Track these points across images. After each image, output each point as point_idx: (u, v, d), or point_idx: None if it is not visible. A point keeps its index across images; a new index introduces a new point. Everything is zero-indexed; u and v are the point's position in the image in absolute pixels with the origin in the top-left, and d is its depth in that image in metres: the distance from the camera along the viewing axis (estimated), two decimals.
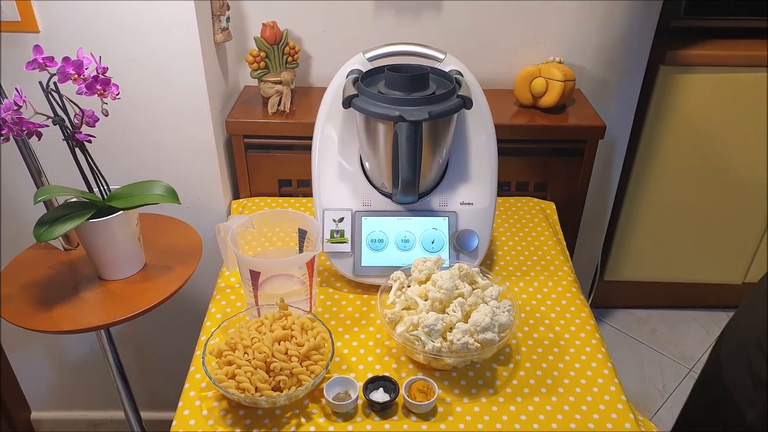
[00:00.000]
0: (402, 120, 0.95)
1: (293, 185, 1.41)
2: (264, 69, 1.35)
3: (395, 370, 0.95)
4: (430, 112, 0.96)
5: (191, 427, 0.87)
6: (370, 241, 1.09)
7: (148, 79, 1.19)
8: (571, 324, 1.05)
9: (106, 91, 0.92)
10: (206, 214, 1.37)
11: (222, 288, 1.13)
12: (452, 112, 1.00)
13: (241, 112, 1.36)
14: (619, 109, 1.55)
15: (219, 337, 0.95)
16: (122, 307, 1.01)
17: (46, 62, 0.88)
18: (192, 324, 1.23)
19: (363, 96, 1.00)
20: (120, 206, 1.00)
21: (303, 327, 0.93)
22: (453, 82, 1.05)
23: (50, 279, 1.08)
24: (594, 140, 1.37)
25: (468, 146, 1.12)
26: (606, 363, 0.97)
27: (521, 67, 1.40)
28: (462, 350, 0.89)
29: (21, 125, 0.89)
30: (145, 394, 1.68)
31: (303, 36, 1.41)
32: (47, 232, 0.95)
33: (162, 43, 1.15)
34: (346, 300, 1.09)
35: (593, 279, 1.98)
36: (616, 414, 0.89)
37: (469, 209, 1.11)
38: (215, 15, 1.24)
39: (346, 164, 1.12)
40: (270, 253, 1.14)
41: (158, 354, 1.62)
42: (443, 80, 1.07)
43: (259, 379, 0.85)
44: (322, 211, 1.09)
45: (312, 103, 1.39)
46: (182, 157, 1.30)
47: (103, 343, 1.18)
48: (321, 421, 0.87)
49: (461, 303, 0.93)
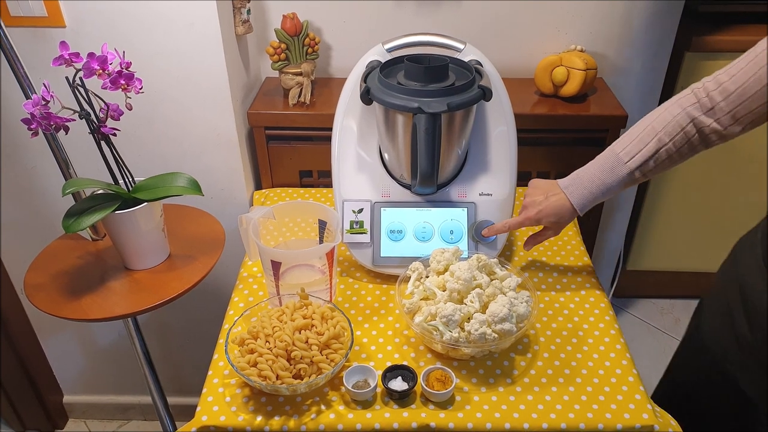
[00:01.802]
0: (421, 112, 0.95)
1: (314, 176, 1.43)
2: (285, 61, 1.36)
3: (414, 359, 0.97)
4: (449, 103, 0.96)
5: (215, 413, 0.89)
6: (389, 231, 1.10)
7: (171, 73, 1.21)
8: (589, 315, 1.05)
9: (130, 86, 0.94)
10: (229, 205, 1.39)
11: (244, 277, 1.15)
12: (471, 104, 1.00)
13: (262, 103, 1.37)
14: (641, 98, 1.52)
15: (241, 326, 0.97)
16: (148, 296, 1.04)
17: (72, 58, 0.90)
18: (215, 312, 1.26)
19: (382, 87, 1.01)
20: (145, 198, 1.03)
21: (323, 316, 0.94)
22: (472, 72, 1.04)
23: (79, 268, 1.11)
24: (616, 129, 1.35)
25: (487, 137, 1.12)
26: (624, 354, 0.97)
27: (542, 55, 1.39)
28: (479, 340, 0.90)
29: (49, 120, 0.92)
30: (171, 380, 1.72)
31: (323, 27, 1.42)
32: (75, 223, 0.97)
33: (184, 36, 1.17)
34: (366, 290, 1.11)
35: (616, 268, 1.97)
36: (633, 404, 0.89)
37: (489, 200, 1.11)
38: (236, 8, 1.25)
39: (366, 155, 1.12)
40: (291, 244, 1.16)
41: (183, 341, 1.66)
42: (463, 70, 1.06)
43: (280, 367, 0.87)
44: (341, 202, 1.11)
45: (332, 94, 1.39)
46: (205, 148, 1.32)
47: (130, 331, 1.21)
48: (341, 408, 0.89)
49: (479, 294, 0.94)
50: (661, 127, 0.90)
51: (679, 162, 0.93)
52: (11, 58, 0.98)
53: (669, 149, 0.90)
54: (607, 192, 0.96)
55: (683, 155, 0.91)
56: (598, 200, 0.97)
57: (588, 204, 0.97)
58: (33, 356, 1.67)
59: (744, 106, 0.83)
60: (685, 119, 0.88)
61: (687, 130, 0.88)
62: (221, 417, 0.88)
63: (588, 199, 0.96)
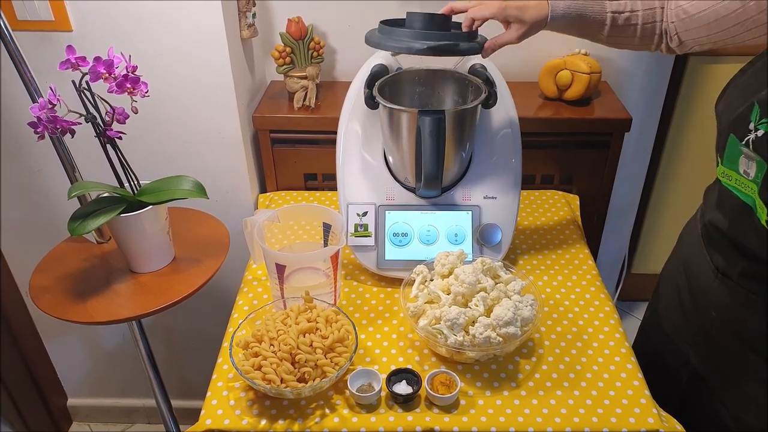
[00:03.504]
0: (425, 114, 0.95)
1: (318, 179, 1.43)
2: (289, 64, 1.36)
3: (418, 363, 0.97)
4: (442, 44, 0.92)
5: (219, 416, 0.89)
6: (393, 235, 1.10)
7: (177, 76, 1.22)
8: (594, 318, 1.04)
9: (136, 89, 0.94)
10: (234, 208, 1.39)
11: (249, 280, 1.15)
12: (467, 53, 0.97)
13: (267, 107, 1.38)
14: (645, 102, 1.52)
15: (246, 329, 0.97)
16: (153, 298, 1.04)
17: (78, 62, 0.91)
18: (220, 315, 1.26)
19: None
20: (150, 201, 1.03)
21: (327, 319, 0.94)
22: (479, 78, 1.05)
23: (84, 271, 1.11)
24: (620, 133, 1.35)
25: (492, 140, 1.12)
26: (629, 358, 0.97)
27: (546, 59, 1.39)
28: (484, 344, 0.89)
29: (55, 123, 0.92)
30: (176, 383, 1.72)
31: (328, 31, 1.42)
32: (81, 226, 0.98)
33: (190, 40, 1.18)
34: (370, 293, 1.11)
35: (621, 272, 1.96)
36: (639, 409, 0.88)
37: (493, 203, 1.11)
38: (241, 11, 1.26)
39: (370, 158, 1.13)
40: (295, 247, 1.16)
41: (188, 344, 1.66)
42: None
43: (285, 371, 0.87)
44: (346, 205, 1.11)
45: (337, 97, 1.40)
46: (210, 152, 1.32)
47: (134, 334, 1.22)
48: (345, 412, 0.89)
49: (483, 297, 0.94)
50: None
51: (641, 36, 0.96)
52: (18, 62, 0.99)
53: (638, 16, 0.94)
54: (581, 15, 0.93)
55: (646, 31, 0.95)
56: (569, 16, 0.93)
57: (559, 13, 0.93)
58: (37, 359, 1.67)
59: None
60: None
61: (657, 12, 0.93)
62: (225, 420, 0.88)
63: (562, 8, 0.93)
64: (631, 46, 0.98)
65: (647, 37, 0.95)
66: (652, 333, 1.11)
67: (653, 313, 1.12)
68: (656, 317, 1.10)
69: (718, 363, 0.95)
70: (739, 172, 0.79)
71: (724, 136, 0.82)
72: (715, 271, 0.91)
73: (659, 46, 0.96)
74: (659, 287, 1.11)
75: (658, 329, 1.09)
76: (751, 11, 0.83)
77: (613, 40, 0.97)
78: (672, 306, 1.04)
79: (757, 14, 0.82)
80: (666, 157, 1.77)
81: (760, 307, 0.85)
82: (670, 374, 1.03)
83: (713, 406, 0.97)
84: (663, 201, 1.86)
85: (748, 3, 0.83)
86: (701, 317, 0.95)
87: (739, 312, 0.88)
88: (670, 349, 1.04)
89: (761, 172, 0.74)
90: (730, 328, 0.91)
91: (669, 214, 1.88)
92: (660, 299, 1.10)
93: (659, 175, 1.80)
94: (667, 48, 0.96)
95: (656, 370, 0.98)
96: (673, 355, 1.03)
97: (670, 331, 1.05)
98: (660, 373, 0.99)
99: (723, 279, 0.89)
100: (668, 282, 1.06)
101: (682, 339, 1.01)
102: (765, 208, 0.76)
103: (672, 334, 1.04)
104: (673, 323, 1.04)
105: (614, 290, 1.98)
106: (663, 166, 1.79)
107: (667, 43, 0.95)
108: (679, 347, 1.02)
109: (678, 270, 1.02)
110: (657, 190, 1.83)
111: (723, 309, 0.91)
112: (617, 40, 0.97)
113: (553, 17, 0.92)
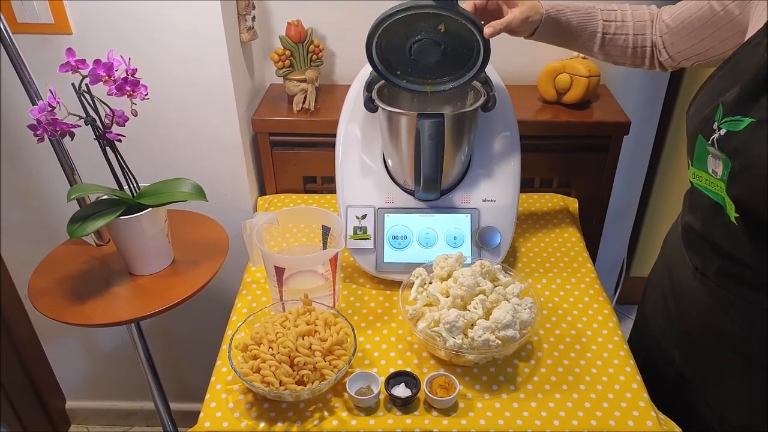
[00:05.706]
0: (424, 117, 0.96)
1: (318, 182, 1.43)
2: (289, 67, 1.36)
3: (417, 366, 0.97)
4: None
5: (218, 419, 0.89)
6: (392, 237, 1.10)
7: (176, 79, 1.22)
8: (593, 321, 1.04)
9: (135, 92, 0.94)
10: (233, 211, 1.40)
11: (248, 283, 1.15)
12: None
13: (266, 110, 1.38)
14: (644, 105, 1.53)
15: (245, 332, 0.97)
16: (152, 301, 1.04)
17: (78, 65, 0.91)
18: (219, 318, 1.26)
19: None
20: (149, 203, 1.03)
21: (326, 322, 0.94)
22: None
23: (83, 273, 1.11)
24: (619, 136, 1.36)
25: (491, 143, 1.12)
26: (628, 361, 0.97)
27: (545, 62, 1.39)
28: (483, 347, 0.90)
29: (55, 126, 0.92)
30: (174, 386, 1.72)
31: (327, 34, 1.43)
32: (80, 228, 0.98)
33: (189, 43, 1.18)
34: (369, 296, 1.11)
35: (619, 275, 1.97)
36: (637, 412, 0.89)
37: (492, 206, 1.11)
38: (241, 14, 1.26)
39: (369, 161, 1.13)
40: (294, 250, 1.16)
41: (186, 347, 1.66)
42: None
43: (284, 373, 0.87)
44: (345, 207, 1.11)
45: (336, 100, 1.40)
46: (209, 154, 1.32)
47: (133, 336, 1.22)
48: (344, 415, 0.89)
49: (482, 300, 0.94)
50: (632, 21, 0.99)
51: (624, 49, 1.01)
52: (18, 64, 0.99)
53: (629, 26, 0.99)
54: (570, 22, 0.97)
55: (637, 42, 1.00)
56: (560, 20, 0.97)
57: (552, 13, 0.96)
58: (36, 361, 1.67)
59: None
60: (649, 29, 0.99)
61: (647, 25, 0.99)
62: (224, 423, 0.88)
63: (555, 8, 0.96)
64: (624, 60, 1.02)
65: (639, 49, 1.00)
66: (641, 335, 1.13)
67: (642, 316, 1.14)
68: (644, 319, 1.12)
69: (700, 364, 0.97)
70: (708, 172, 0.81)
71: (693, 138, 0.84)
72: (693, 271, 0.92)
73: (652, 61, 1.01)
74: (647, 290, 1.13)
75: (646, 330, 1.11)
76: (723, 19, 0.87)
77: (605, 50, 1.00)
78: (658, 308, 1.05)
79: (729, 21, 0.87)
80: (665, 161, 1.77)
81: (737, 307, 0.86)
82: (661, 375, 1.04)
83: (698, 406, 0.98)
84: (662, 204, 1.86)
85: (719, 12, 0.87)
86: (683, 318, 0.97)
87: (719, 312, 0.89)
88: (658, 351, 1.06)
89: (727, 170, 0.76)
90: (710, 328, 0.92)
91: (668, 217, 1.88)
92: (647, 302, 1.12)
93: (658, 178, 1.80)
94: (659, 64, 1.01)
95: (648, 371, 0.99)
96: (661, 356, 1.05)
97: (657, 333, 1.06)
98: (651, 374, 0.99)
99: (702, 279, 0.90)
100: (655, 285, 1.08)
101: (668, 340, 1.03)
102: (733, 205, 0.78)
103: (659, 335, 1.06)
104: (659, 325, 1.05)
105: (613, 293, 1.98)
106: (662, 170, 1.79)
107: (658, 57, 0.99)
108: (666, 349, 1.03)
109: (663, 273, 1.04)
110: (656, 193, 1.83)
111: (703, 310, 0.92)
112: (610, 51, 1.00)
113: (547, 11, 0.97)
